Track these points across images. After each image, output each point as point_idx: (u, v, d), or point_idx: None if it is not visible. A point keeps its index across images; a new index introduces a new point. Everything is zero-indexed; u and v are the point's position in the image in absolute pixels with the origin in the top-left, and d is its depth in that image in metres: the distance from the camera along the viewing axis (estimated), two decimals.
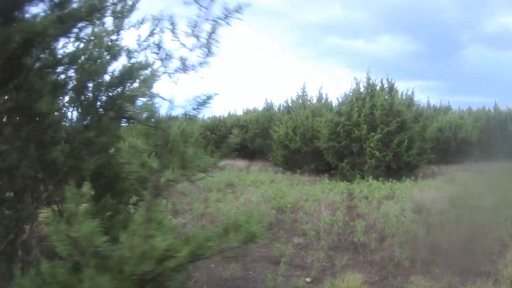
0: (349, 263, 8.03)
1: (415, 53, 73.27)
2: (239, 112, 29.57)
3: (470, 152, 23.82)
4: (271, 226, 10.38)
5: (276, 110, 25.29)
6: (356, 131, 16.80)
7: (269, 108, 26.32)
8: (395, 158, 17.07)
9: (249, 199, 12.54)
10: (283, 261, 8.00)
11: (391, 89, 20.09)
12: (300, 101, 22.17)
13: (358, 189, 13.95)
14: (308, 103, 22.17)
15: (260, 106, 27.89)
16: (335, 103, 20.90)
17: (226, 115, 28.32)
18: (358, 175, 15.85)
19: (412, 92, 21.16)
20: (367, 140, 16.70)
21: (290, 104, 23.40)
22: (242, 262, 8.29)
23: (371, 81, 18.26)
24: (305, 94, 22.94)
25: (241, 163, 24.05)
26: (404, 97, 20.57)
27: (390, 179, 15.23)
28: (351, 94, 18.25)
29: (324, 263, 8.10)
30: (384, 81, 19.66)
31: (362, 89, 18.22)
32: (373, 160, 16.46)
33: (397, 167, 17.12)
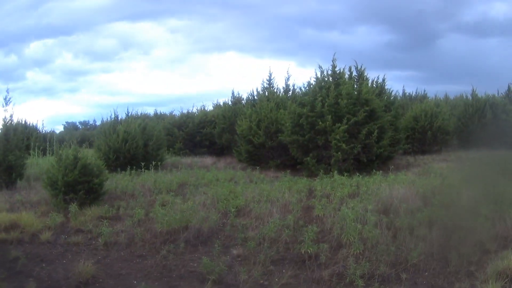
0: (290, 281, 6.25)
1: (391, 43, 71.68)
2: (210, 107, 27.59)
3: (447, 141, 22.14)
4: (212, 233, 8.55)
5: (244, 104, 23.35)
6: (320, 123, 14.96)
7: (236, 101, 24.44)
8: (365, 150, 15.29)
9: (197, 202, 10.74)
10: (212, 279, 6.20)
11: (361, 77, 18.34)
12: (266, 93, 20.25)
13: (320, 187, 12.14)
14: (275, 95, 20.26)
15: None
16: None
17: (195, 110, 26.30)
18: (321, 170, 14.02)
19: (383, 80, 19.34)
20: (332, 131, 14.88)
21: (256, 97, 21.45)
22: (167, 278, 6.61)
23: (337, 69, 16.37)
24: (271, 85, 21.01)
25: (209, 160, 22.15)
26: (374, 85, 18.79)
27: (359, 173, 13.51)
28: (314, 83, 16.34)
29: (261, 282, 6.29)
30: (353, 69, 17.87)
31: (328, 78, 16.32)
32: (339, 153, 14.64)
33: (367, 159, 15.34)
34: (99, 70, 75.75)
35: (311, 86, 16.18)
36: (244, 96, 23.78)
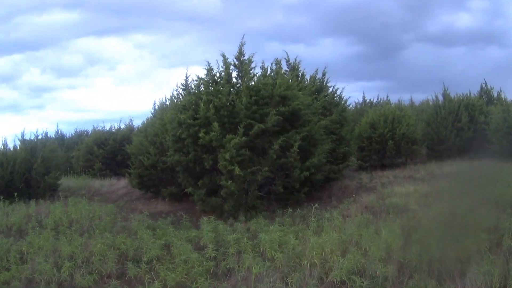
0: None
1: (357, 54, 64.23)
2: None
3: (414, 152, 14.99)
4: None
5: None
6: (203, 134, 7.98)
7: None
8: (281, 175, 8.33)
9: None
10: None
11: (294, 70, 11.53)
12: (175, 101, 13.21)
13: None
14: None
15: None
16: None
17: (123, 126, 19.23)
18: (183, 216, 7.13)
19: (323, 75, 12.26)
20: (222, 147, 7.90)
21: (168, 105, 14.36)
22: None
23: (243, 58, 9.23)
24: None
25: (122, 183, 15.25)
26: (314, 82, 11.91)
27: (281, 210, 6.80)
28: (207, 77, 9.19)
29: None
30: (283, 63, 11.05)
31: (229, 71, 9.18)
32: (231, 181, 7.64)
33: (287, 188, 8.39)
34: (65, 86, 67.30)
35: (202, 81, 9.07)
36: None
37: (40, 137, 14.73)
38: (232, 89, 8.83)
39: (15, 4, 50.77)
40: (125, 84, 65.08)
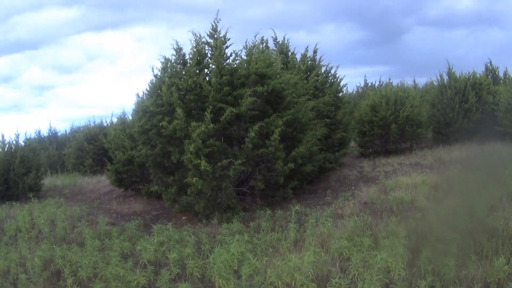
0: None
1: (359, 40, 61.94)
2: None
3: (419, 136, 13.33)
4: None
5: None
6: (166, 123, 6.54)
7: None
8: (263, 168, 6.85)
9: None
10: None
11: (282, 51, 10.01)
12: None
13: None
14: None
15: None
16: None
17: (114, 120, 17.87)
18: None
19: (314, 52, 10.64)
20: (187, 138, 6.45)
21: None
22: None
23: (218, 35, 7.60)
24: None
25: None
26: (304, 61, 10.36)
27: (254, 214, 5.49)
28: (174, 57, 7.71)
29: None
30: (270, 40, 9.55)
31: (203, 50, 7.63)
32: (197, 178, 6.19)
33: (270, 183, 6.92)
34: (66, 83, 64.83)
35: (169, 63, 7.58)
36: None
37: (33, 136, 13.64)
38: (205, 70, 7.36)
39: (12, 4, 49.47)
40: (126, 78, 63.25)
